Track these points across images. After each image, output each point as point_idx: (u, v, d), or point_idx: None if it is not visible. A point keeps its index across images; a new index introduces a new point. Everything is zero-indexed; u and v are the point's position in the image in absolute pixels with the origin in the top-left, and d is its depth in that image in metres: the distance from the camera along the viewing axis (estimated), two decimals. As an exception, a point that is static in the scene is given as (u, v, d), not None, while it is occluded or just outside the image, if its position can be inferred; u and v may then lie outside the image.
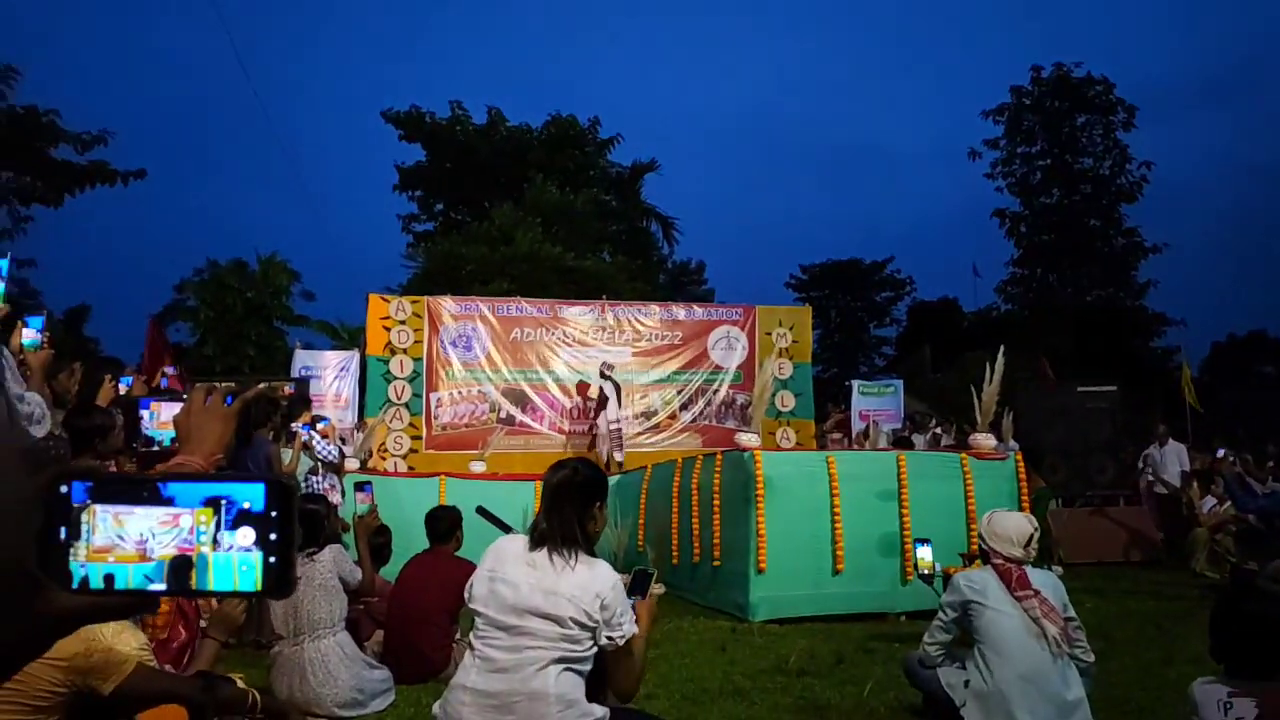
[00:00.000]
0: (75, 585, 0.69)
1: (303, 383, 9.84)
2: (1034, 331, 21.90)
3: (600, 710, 2.55)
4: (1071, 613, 3.58)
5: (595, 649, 2.56)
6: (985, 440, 7.02)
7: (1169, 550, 9.95)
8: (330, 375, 12.69)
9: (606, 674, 2.64)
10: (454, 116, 22.77)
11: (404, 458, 12.13)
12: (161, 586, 0.69)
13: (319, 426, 8.36)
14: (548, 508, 2.69)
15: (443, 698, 2.61)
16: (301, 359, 12.84)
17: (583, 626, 2.52)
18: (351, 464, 8.72)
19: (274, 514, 0.69)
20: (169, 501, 0.69)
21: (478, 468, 9.86)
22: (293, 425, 7.28)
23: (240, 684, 2.65)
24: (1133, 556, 9.93)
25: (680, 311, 14.17)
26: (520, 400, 12.83)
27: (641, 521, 8.44)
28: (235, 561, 0.69)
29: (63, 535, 0.69)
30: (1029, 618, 3.43)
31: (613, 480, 9.72)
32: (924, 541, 4.78)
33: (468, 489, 8.45)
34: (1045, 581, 3.57)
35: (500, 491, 8.28)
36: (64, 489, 0.69)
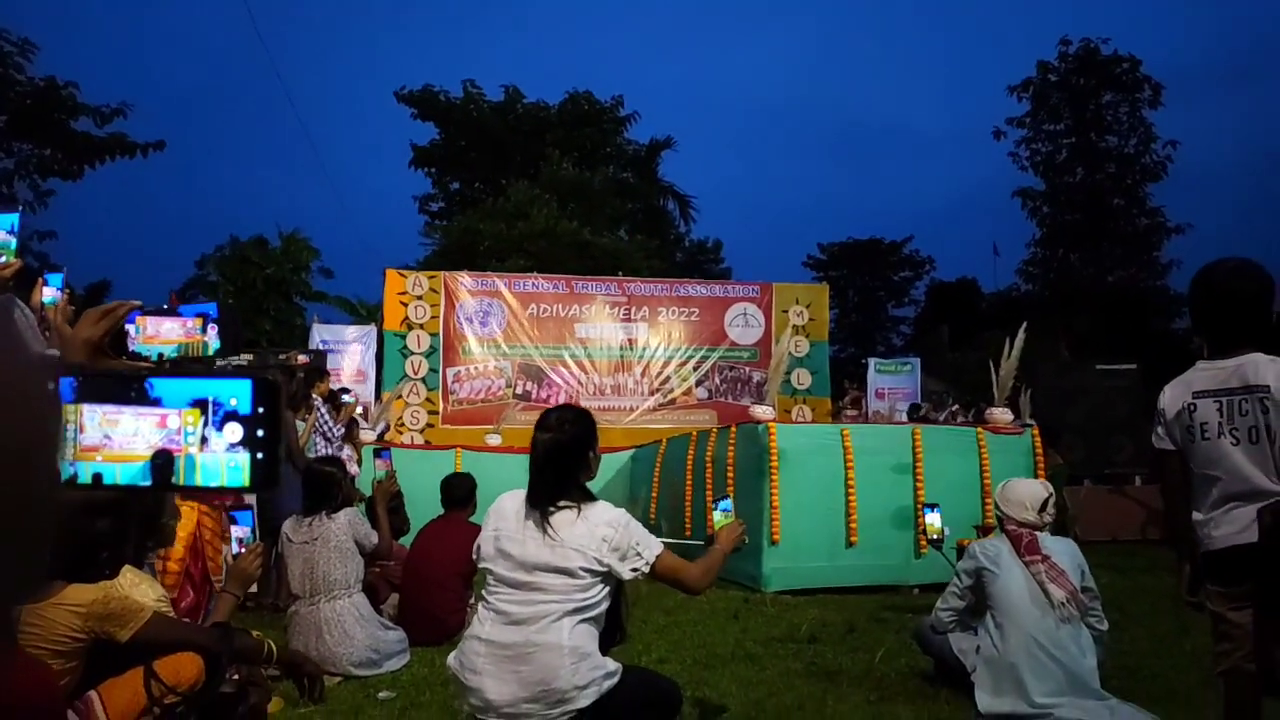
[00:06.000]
0: (63, 481, 0.70)
1: (319, 354, 9.89)
2: (1054, 311, 21.70)
3: (613, 664, 2.58)
4: (1089, 581, 3.58)
5: (607, 592, 2.59)
6: (1002, 415, 6.98)
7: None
8: (348, 350, 12.78)
9: (679, 586, 2.73)
10: (468, 95, 22.73)
11: (420, 432, 12.23)
12: (147, 483, 0.71)
13: (344, 400, 8.42)
14: (539, 467, 2.71)
15: (457, 649, 2.65)
16: (319, 334, 12.92)
17: (593, 573, 2.55)
18: (368, 436, 8.78)
19: (260, 411, 0.70)
20: (156, 402, 0.70)
21: (494, 441, 9.92)
22: (311, 395, 7.34)
23: (256, 635, 2.70)
24: (1150, 535, 9.87)
25: (697, 289, 14.17)
26: (537, 376, 12.87)
27: (655, 495, 8.47)
28: (223, 460, 0.70)
29: None
30: (1036, 582, 3.43)
31: (626, 454, 9.75)
32: (933, 506, 4.78)
33: (483, 462, 8.50)
34: (1059, 547, 3.56)
35: (516, 465, 8.29)
36: (51, 386, 0.71)
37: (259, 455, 0.70)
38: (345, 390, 9.42)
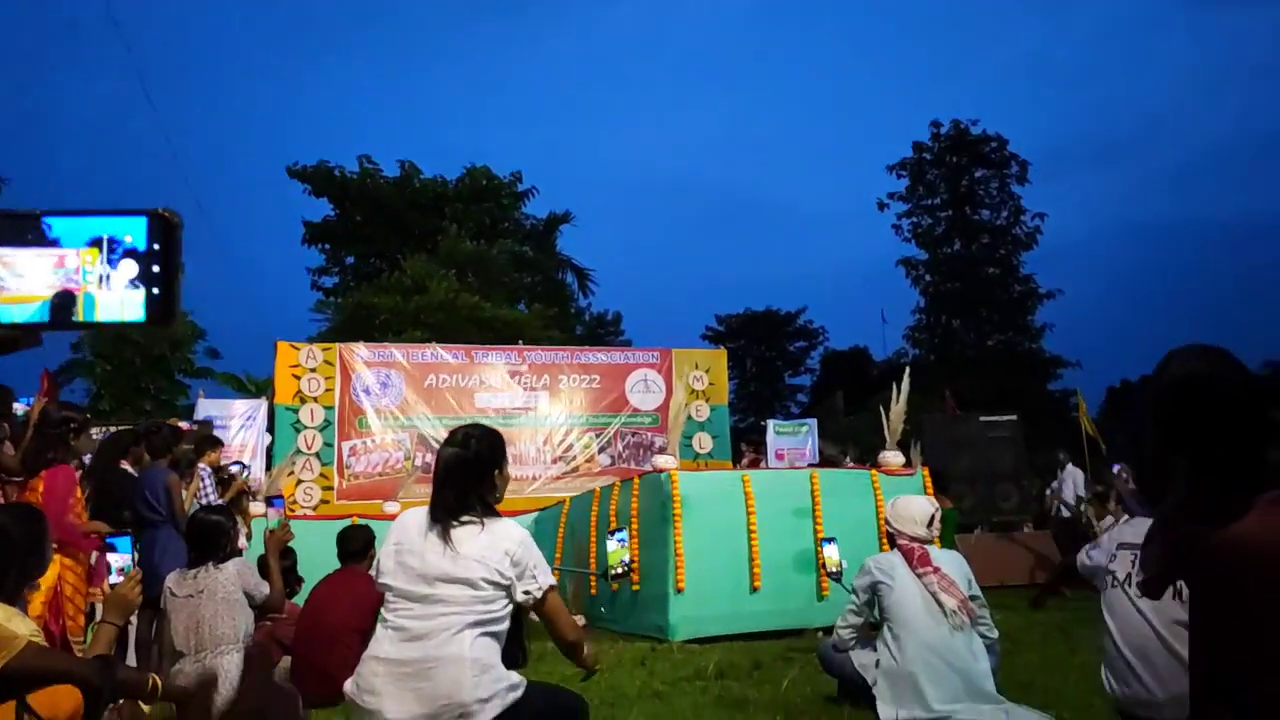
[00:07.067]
0: None
1: (205, 423, 9.53)
2: (939, 375, 22.71)
3: (517, 677, 2.55)
4: (976, 590, 3.74)
5: (510, 608, 2.58)
6: (894, 458, 7.25)
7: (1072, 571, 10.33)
8: (236, 425, 12.31)
9: (551, 630, 2.66)
10: (364, 170, 22.70)
11: (314, 509, 11.79)
12: (45, 320, 0.71)
13: (233, 470, 8.12)
14: (442, 482, 2.71)
15: (354, 673, 2.58)
16: (204, 409, 12.42)
17: (496, 586, 2.54)
18: (258, 509, 8.45)
19: (157, 247, 0.72)
20: (54, 243, 0.71)
21: (392, 509, 9.67)
22: (199, 464, 7.06)
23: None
24: (1038, 578, 10.27)
25: (597, 356, 14.34)
26: (436, 448, 12.65)
27: (559, 554, 8.39)
28: (121, 297, 0.71)
29: None
30: (928, 593, 3.57)
31: (529, 517, 9.65)
32: (831, 540, 4.91)
33: (381, 529, 8.25)
34: (947, 559, 3.73)
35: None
36: None
37: (155, 291, 0.71)
38: (238, 463, 9.08)
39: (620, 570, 4.16)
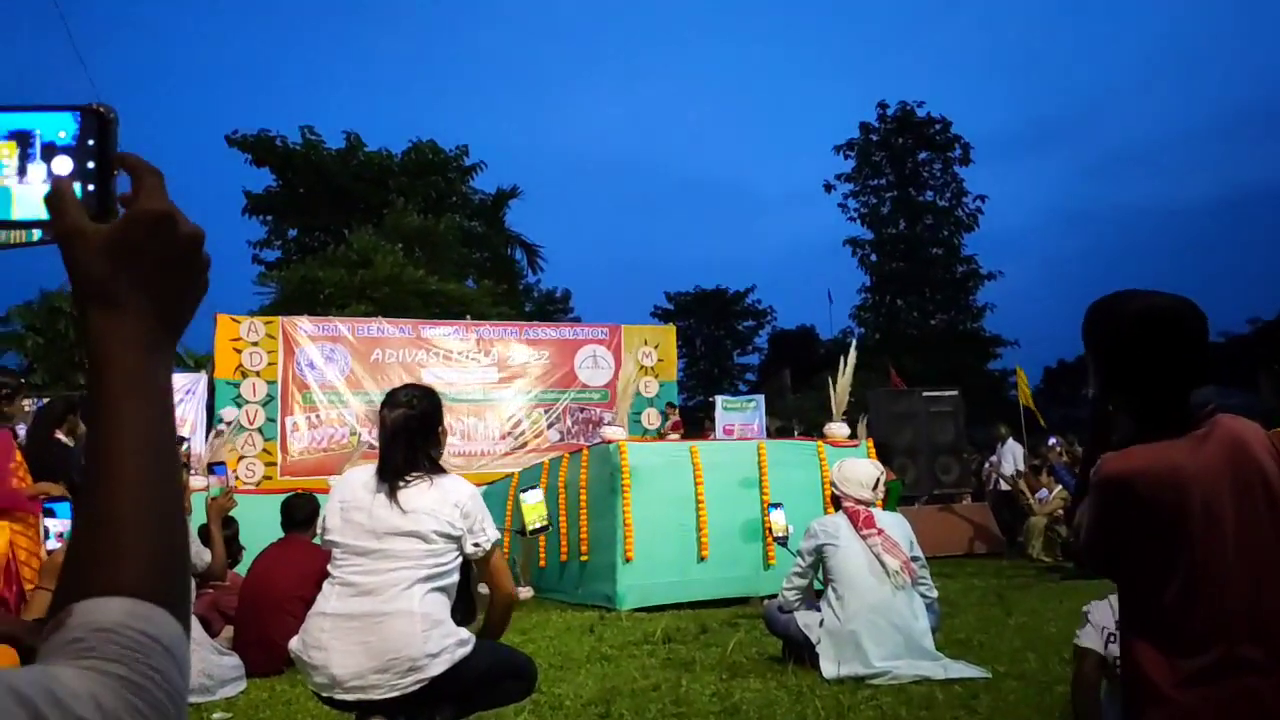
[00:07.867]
0: None
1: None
2: (883, 352, 23.09)
3: (466, 633, 2.56)
4: (917, 551, 3.84)
5: (459, 561, 2.58)
6: (839, 429, 7.37)
7: (1009, 543, 10.63)
8: (174, 399, 12.06)
9: (489, 584, 2.67)
10: (307, 141, 22.18)
11: (257, 485, 11.61)
12: None
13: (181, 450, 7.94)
14: (389, 443, 2.71)
15: (301, 630, 2.56)
16: (142, 383, 12.09)
17: (447, 538, 2.54)
18: (198, 483, 8.28)
19: (90, 143, 0.68)
20: None
21: (336, 481, 9.58)
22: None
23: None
24: (977, 549, 10.56)
25: (546, 331, 14.27)
26: (382, 422, 12.52)
27: (507, 527, 8.36)
28: (43, 193, 0.65)
29: None
30: (872, 554, 3.65)
31: (480, 489, 9.65)
32: (777, 505, 4.98)
33: (326, 502, 8.17)
34: (890, 520, 3.81)
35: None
36: None
37: (91, 187, 0.67)
38: (181, 439, 8.88)
39: (539, 525, 4.21)
